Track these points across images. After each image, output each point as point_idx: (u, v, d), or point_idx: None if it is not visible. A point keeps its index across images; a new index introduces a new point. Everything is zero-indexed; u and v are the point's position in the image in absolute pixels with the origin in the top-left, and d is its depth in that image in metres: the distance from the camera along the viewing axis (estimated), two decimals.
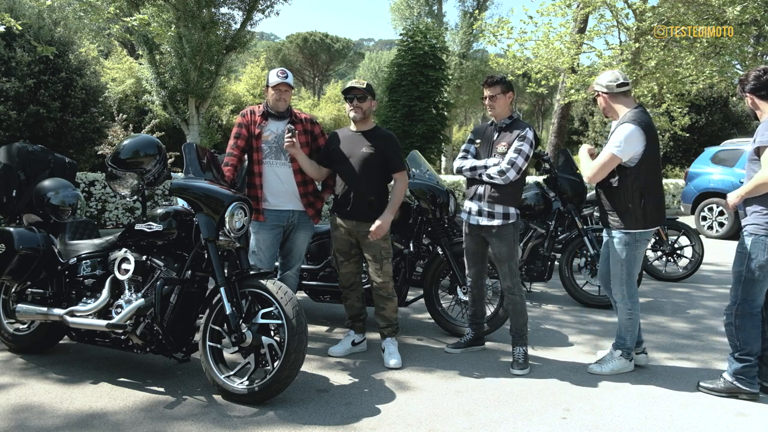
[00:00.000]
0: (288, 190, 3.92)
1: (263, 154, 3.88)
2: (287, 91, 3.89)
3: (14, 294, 3.78)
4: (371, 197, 3.82)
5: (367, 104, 3.85)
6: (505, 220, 3.73)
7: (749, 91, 3.32)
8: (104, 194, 8.44)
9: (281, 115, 3.92)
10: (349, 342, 4.01)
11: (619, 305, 3.70)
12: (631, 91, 3.83)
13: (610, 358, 3.73)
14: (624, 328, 3.69)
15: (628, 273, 3.60)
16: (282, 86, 3.84)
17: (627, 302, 3.64)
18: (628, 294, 3.63)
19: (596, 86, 3.68)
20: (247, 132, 3.89)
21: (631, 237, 3.54)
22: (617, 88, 3.57)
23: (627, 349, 3.71)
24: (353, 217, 3.83)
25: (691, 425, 3.01)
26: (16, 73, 8.89)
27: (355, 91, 3.83)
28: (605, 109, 3.68)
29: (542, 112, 42.74)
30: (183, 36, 12.75)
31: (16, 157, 3.95)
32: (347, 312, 4.10)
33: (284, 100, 3.89)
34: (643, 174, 3.49)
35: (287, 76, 3.88)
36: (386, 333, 3.94)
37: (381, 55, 40.05)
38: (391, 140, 3.94)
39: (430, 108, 17.49)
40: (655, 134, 3.55)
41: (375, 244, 3.81)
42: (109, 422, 2.90)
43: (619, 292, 3.66)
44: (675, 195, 15.72)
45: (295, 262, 4.07)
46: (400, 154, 3.94)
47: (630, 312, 3.65)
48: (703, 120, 22.29)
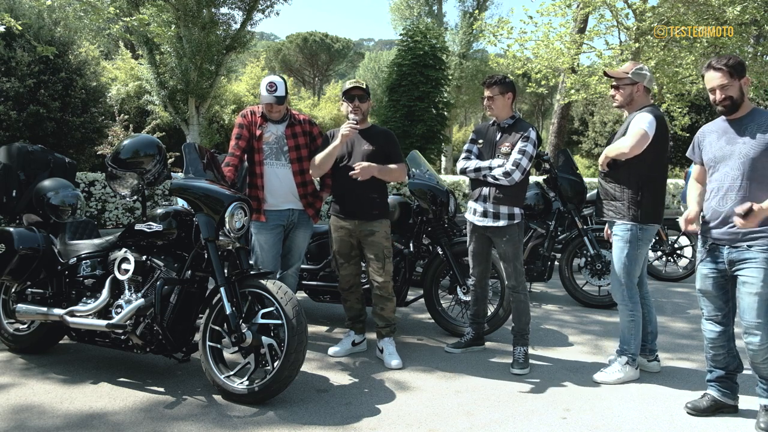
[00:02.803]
0: (288, 190, 3.92)
1: (264, 155, 3.89)
2: (276, 107, 3.84)
3: (14, 294, 3.78)
4: (374, 195, 3.83)
5: (366, 105, 3.87)
6: (510, 221, 3.73)
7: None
8: (104, 194, 8.44)
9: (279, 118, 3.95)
10: (349, 342, 4.01)
11: (620, 308, 3.63)
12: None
13: (615, 368, 3.61)
14: (627, 332, 3.60)
15: (627, 273, 3.52)
16: (270, 105, 3.80)
17: (627, 303, 3.57)
18: (628, 295, 3.56)
19: (637, 73, 3.52)
20: (248, 133, 3.88)
21: (632, 234, 3.48)
22: (648, 82, 3.56)
23: (632, 355, 3.60)
24: (356, 216, 3.83)
25: (691, 425, 3.01)
26: (16, 73, 8.89)
27: (358, 91, 3.83)
28: (627, 98, 3.56)
29: (542, 112, 42.72)
30: (183, 36, 12.75)
31: (16, 157, 3.95)
32: (347, 313, 4.10)
33: (278, 112, 3.89)
34: (645, 167, 3.45)
35: (276, 89, 3.77)
36: (384, 333, 3.94)
37: (381, 55, 40.03)
38: (390, 137, 3.96)
39: (430, 108, 17.48)
40: (666, 133, 3.50)
41: (377, 243, 3.81)
42: (109, 422, 2.90)
43: (618, 293, 3.59)
44: (675, 195, 15.71)
45: (295, 262, 4.07)
46: (400, 150, 3.98)
47: (631, 314, 3.57)
48: (703, 120, 22.27)
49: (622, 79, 3.55)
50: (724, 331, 3.06)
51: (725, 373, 3.13)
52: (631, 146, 3.39)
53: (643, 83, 3.54)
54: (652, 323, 3.73)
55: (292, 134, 3.94)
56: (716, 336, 3.07)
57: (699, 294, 3.11)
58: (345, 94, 3.87)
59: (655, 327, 3.76)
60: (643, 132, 3.37)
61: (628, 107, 3.59)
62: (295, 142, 3.94)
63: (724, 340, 3.07)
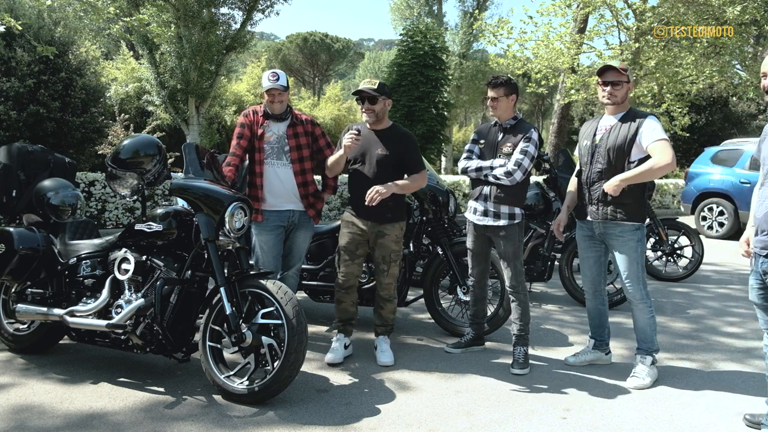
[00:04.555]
0: (288, 191, 3.91)
1: (265, 155, 3.87)
2: (281, 94, 3.84)
3: (14, 294, 3.78)
4: (387, 199, 3.69)
5: (379, 105, 3.77)
6: (511, 221, 3.73)
7: None
8: (104, 194, 8.44)
9: (281, 116, 3.91)
10: (341, 346, 3.89)
11: (638, 306, 3.59)
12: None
13: (644, 371, 3.57)
14: (649, 329, 3.59)
15: (643, 270, 3.57)
16: (274, 90, 3.81)
17: (646, 300, 3.58)
18: (645, 292, 3.58)
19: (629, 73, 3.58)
20: (250, 132, 3.87)
21: (641, 232, 3.53)
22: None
23: (655, 351, 3.63)
24: (369, 218, 3.79)
25: (691, 425, 3.01)
26: (16, 73, 8.89)
27: (364, 93, 3.74)
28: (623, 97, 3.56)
29: (542, 112, 42.68)
30: (183, 36, 12.74)
31: (16, 157, 3.95)
32: (339, 315, 3.95)
33: (279, 102, 3.85)
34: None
35: (278, 79, 3.81)
36: (380, 331, 3.95)
37: (381, 55, 40.06)
38: (409, 140, 3.85)
39: (430, 108, 17.45)
40: None
41: (386, 246, 3.79)
42: (109, 422, 2.90)
43: (636, 292, 3.57)
44: (675, 195, 15.71)
45: (295, 262, 4.06)
46: (419, 154, 3.88)
47: (651, 310, 3.59)
48: (703, 120, 22.28)
49: (623, 76, 3.56)
50: None
51: None
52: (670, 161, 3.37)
53: (630, 83, 3.62)
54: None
55: (294, 134, 3.92)
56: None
57: (754, 307, 2.97)
58: (356, 95, 3.80)
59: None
60: (666, 141, 3.40)
61: (618, 106, 3.59)
62: (296, 141, 3.92)
63: None
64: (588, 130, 3.71)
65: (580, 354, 3.91)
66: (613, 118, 3.60)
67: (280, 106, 3.88)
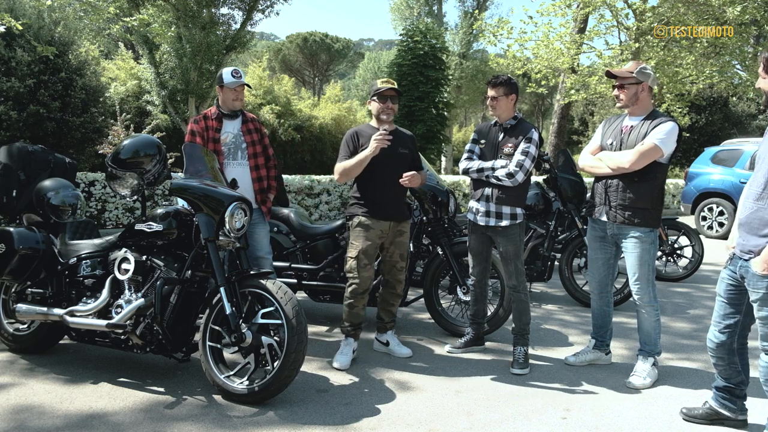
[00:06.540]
0: (246, 189, 3.97)
1: (223, 157, 3.98)
2: (242, 91, 4.03)
3: (14, 294, 3.78)
4: (404, 197, 3.94)
5: (397, 106, 3.87)
6: (512, 221, 3.74)
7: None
8: (104, 194, 8.44)
9: (234, 114, 4.05)
10: (350, 351, 3.84)
11: (645, 309, 3.59)
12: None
13: (646, 371, 3.58)
14: (654, 332, 3.60)
15: (653, 273, 3.57)
16: (239, 87, 3.96)
17: (653, 303, 3.59)
18: (653, 295, 3.59)
19: (642, 72, 3.49)
20: (203, 140, 3.95)
21: (654, 234, 3.53)
22: (652, 82, 3.56)
23: (657, 354, 3.65)
24: (392, 218, 3.82)
25: (691, 425, 3.01)
26: (16, 73, 8.88)
27: (392, 92, 3.77)
28: (632, 98, 3.52)
29: (542, 112, 42.69)
30: (183, 36, 12.74)
31: (16, 157, 3.95)
32: (351, 320, 3.86)
33: (241, 100, 4.02)
34: (664, 174, 3.54)
35: (242, 76, 4.00)
36: (389, 327, 4.05)
37: (381, 55, 40.04)
38: (413, 140, 4.08)
39: (430, 108, 17.47)
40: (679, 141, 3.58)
41: (404, 243, 3.92)
42: (109, 422, 2.90)
43: (645, 295, 3.57)
44: (675, 195, 15.71)
45: (264, 254, 4.10)
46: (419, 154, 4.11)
47: (657, 313, 3.61)
48: (703, 120, 22.30)
49: (627, 78, 3.53)
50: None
51: (725, 385, 3.04)
52: (632, 163, 3.41)
53: (647, 82, 3.53)
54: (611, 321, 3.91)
55: (248, 131, 4.09)
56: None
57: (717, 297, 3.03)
58: (379, 94, 3.77)
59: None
60: (650, 147, 3.38)
61: (633, 107, 3.57)
62: (251, 138, 4.08)
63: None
64: (610, 130, 3.68)
65: (580, 354, 3.91)
66: (634, 119, 3.58)
67: (241, 103, 4.06)
